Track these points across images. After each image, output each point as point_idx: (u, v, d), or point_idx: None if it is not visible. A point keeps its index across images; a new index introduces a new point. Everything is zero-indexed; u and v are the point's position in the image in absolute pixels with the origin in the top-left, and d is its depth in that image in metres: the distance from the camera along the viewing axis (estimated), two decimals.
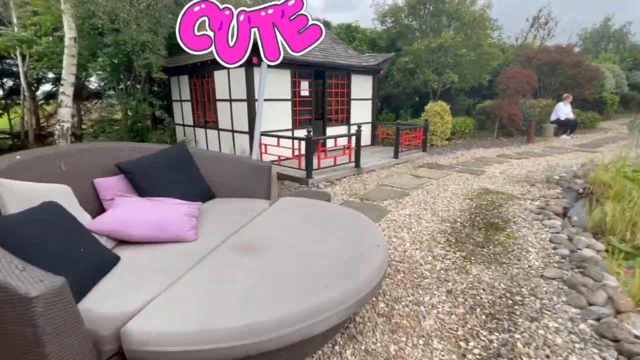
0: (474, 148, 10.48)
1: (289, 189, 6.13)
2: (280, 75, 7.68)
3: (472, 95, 16.47)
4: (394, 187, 6.11)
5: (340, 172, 6.84)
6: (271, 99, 7.61)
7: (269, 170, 3.82)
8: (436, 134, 10.35)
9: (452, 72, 11.18)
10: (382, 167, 7.87)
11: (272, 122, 7.72)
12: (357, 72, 9.47)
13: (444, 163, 8.29)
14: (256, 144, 6.86)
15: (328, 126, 9.17)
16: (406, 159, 8.56)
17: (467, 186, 6.15)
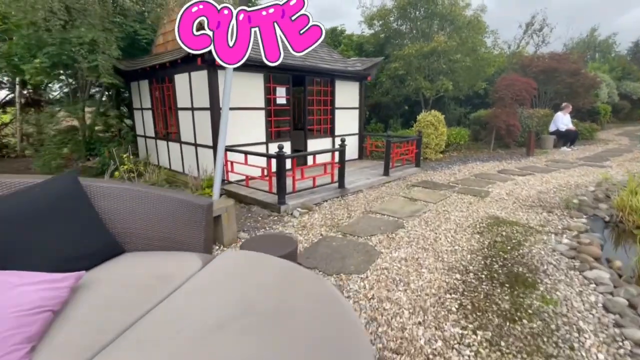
0: (471, 162, 9.53)
1: (256, 218, 4.97)
2: (251, 80, 6.58)
3: (463, 104, 15.69)
4: (385, 215, 5.02)
5: (320, 195, 5.73)
6: (240, 107, 6.49)
7: (208, 211, 2.67)
8: (430, 147, 9.37)
9: (446, 79, 10.28)
10: (371, 186, 6.79)
11: (242, 135, 6.59)
12: (342, 77, 8.45)
13: (441, 181, 7.26)
14: (219, 161, 5.72)
15: (310, 138, 8.09)
16: (398, 176, 7.52)
17: (472, 213, 5.10)
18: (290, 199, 5.34)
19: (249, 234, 4.34)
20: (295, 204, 5.26)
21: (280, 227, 4.62)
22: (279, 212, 5.08)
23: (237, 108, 6.42)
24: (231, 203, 3.92)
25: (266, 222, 4.81)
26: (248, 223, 4.75)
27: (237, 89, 6.36)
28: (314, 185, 5.70)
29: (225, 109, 5.70)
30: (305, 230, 4.47)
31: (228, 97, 5.68)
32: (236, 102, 6.39)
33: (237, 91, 6.37)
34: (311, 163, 5.88)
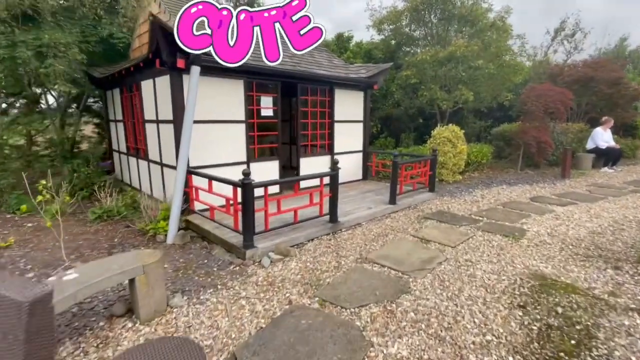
0: (496, 185, 8.08)
1: (211, 267, 3.72)
2: (228, 87, 5.45)
3: (483, 117, 14.22)
4: (385, 268, 3.69)
5: (305, 233, 4.46)
6: (213, 120, 5.35)
7: (32, 312, 1.45)
8: (446, 167, 7.99)
9: (466, 89, 8.93)
10: (372, 218, 5.47)
11: (215, 154, 5.43)
12: (344, 86, 7.25)
13: (461, 212, 5.87)
14: (178, 186, 4.55)
15: (303, 156, 6.87)
16: (407, 204, 6.18)
17: (506, 266, 3.72)
18: (261, 239, 4.09)
19: (188, 298, 3.09)
20: (267, 247, 4.00)
21: (238, 284, 3.36)
22: (244, 259, 3.83)
23: (208, 121, 5.28)
24: (155, 259, 2.70)
25: (222, 275, 3.55)
26: (196, 277, 3.51)
27: (210, 98, 5.23)
28: (295, 220, 4.43)
29: (187, 121, 4.57)
30: (270, 293, 3.19)
31: (192, 105, 4.56)
32: (208, 114, 5.25)
33: (210, 100, 5.24)
34: (303, 188, 4.63)
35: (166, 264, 3.80)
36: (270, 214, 4.14)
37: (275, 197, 4.52)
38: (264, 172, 6.12)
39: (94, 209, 5.41)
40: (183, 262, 3.87)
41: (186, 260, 3.92)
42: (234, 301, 3.04)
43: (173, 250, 4.24)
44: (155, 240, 4.54)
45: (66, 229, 5.07)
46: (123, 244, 4.43)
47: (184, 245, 4.39)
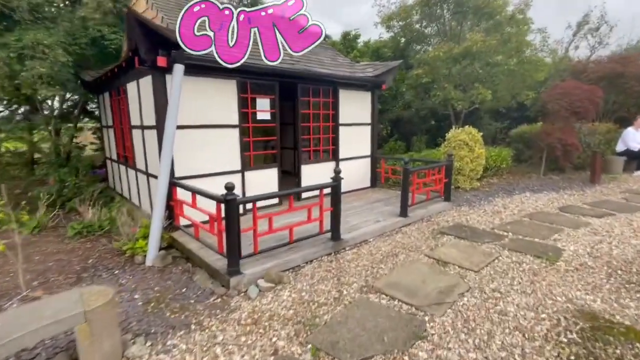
0: (518, 192, 7.34)
1: (187, 300, 3.16)
2: (218, 88, 4.91)
3: (499, 118, 13.40)
4: (396, 301, 3.07)
5: (301, 254, 3.86)
6: (202, 125, 4.82)
7: None
8: (463, 173, 7.29)
9: (483, 87, 8.22)
10: (381, 234, 4.84)
11: (205, 162, 4.89)
12: (349, 86, 6.66)
13: (482, 225, 5.19)
14: (159, 200, 4.02)
15: (305, 164, 6.28)
16: (420, 216, 5.53)
17: (543, 298, 3.05)
18: (250, 263, 3.51)
19: (152, 344, 2.52)
20: (256, 273, 3.41)
21: (217, 323, 2.78)
22: (228, 288, 3.26)
23: (197, 126, 4.75)
24: (104, 300, 2.15)
25: (199, 310, 2.98)
26: (168, 312, 2.94)
27: (199, 100, 4.71)
28: (291, 240, 3.83)
29: (169, 126, 4.05)
30: (254, 336, 2.60)
31: (174, 108, 4.04)
32: (196, 118, 4.73)
33: (198, 103, 4.72)
34: (299, 204, 4.04)
35: (137, 294, 3.25)
36: (260, 233, 3.56)
37: (269, 212, 3.93)
38: (261, 181, 5.56)
39: (73, 223, 4.94)
40: (158, 291, 3.32)
41: (162, 289, 3.37)
42: (206, 349, 2.46)
43: (151, 274, 3.70)
44: (133, 262, 4.01)
45: (40, 247, 4.61)
46: (96, 267, 3.91)
47: (164, 268, 3.84)
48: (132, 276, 3.66)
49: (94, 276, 3.69)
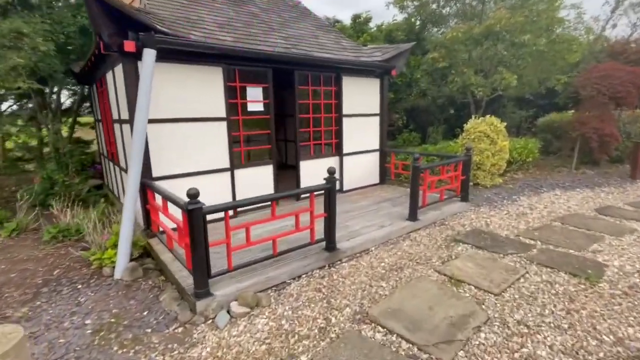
0: (547, 190, 6.52)
1: (146, 326, 2.67)
2: (201, 75, 4.36)
3: (523, 106, 12.31)
4: (394, 336, 2.47)
5: (288, 269, 3.31)
6: (183, 118, 4.29)
7: None
8: (483, 168, 6.52)
9: (507, 72, 7.33)
10: (386, 241, 4.23)
11: (188, 160, 4.38)
12: (354, 72, 5.98)
13: (504, 231, 4.49)
14: (129, 203, 3.55)
15: (304, 159, 5.69)
16: (432, 220, 4.86)
17: (585, 338, 2.38)
18: (224, 282, 2.99)
19: None
20: (230, 294, 2.89)
21: None
22: (195, 312, 2.75)
23: (177, 119, 4.23)
24: (2, 349, 1.66)
25: (154, 343, 2.48)
26: (116, 346, 2.46)
27: (179, 90, 4.18)
28: (274, 253, 3.27)
29: (139, 119, 3.55)
30: None
31: (144, 99, 3.54)
32: (176, 110, 4.21)
33: (179, 93, 4.19)
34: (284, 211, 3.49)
35: (91, 318, 2.79)
36: (236, 247, 3.02)
37: (247, 221, 3.40)
38: (254, 180, 5.03)
39: (49, 227, 4.56)
40: (115, 314, 2.85)
41: (121, 311, 2.90)
42: None
43: (115, 290, 3.24)
44: (101, 274, 3.57)
45: (12, 253, 4.25)
46: (60, 281, 3.49)
47: (133, 283, 3.38)
48: (94, 293, 3.21)
49: (54, 292, 3.27)
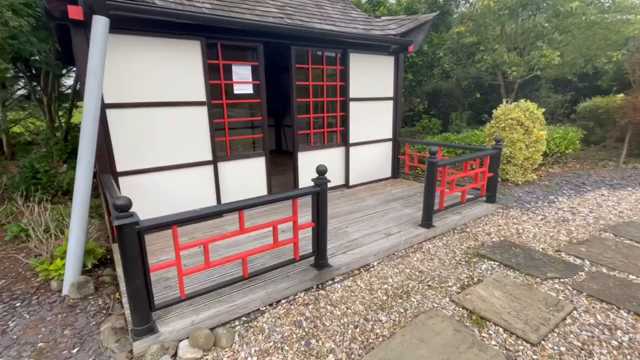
0: (590, 188, 5.53)
1: None
2: (176, 51, 3.66)
3: (559, 89, 10.95)
4: None
5: (263, 293, 2.63)
6: (154, 102, 3.63)
7: None
8: (515, 162, 5.58)
9: (548, 48, 6.22)
10: (392, 253, 3.48)
11: (162, 151, 3.75)
12: (364, 48, 5.12)
13: (541, 243, 3.63)
14: (79, 203, 2.98)
15: (303, 150, 4.96)
16: (451, 226, 4.06)
17: None
18: (177, 312, 2.36)
19: None
20: (181, 331, 2.25)
21: None
22: (133, 354, 2.13)
23: (147, 104, 3.58)
24: None
25: None
26: None
27: (147, 68, 3.51)
28: (245, 274, 2.60)
29: (89, 102, 2.93)
30: None
31: (94, 76, 2.91)
32: (145, 93, 3.55)
33: (147, 72, 3.52)
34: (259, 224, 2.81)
35: (3, 357, 2.23)
36: (190, 271, 2.36)
37: (207, 237, 2.73)
38: (242, 175, 4.37)
39: (12, 225, 4.08)
40: (39, 349, 2.28)
41: (49, 344, 2.33)
42: None
43: (55, 313, 2.68)
44: (48, 289, 3.03)
45: None
46: (0, 294, 2.97)
47: (79, 303, 2.81)
48: (30, 315, 2.67)
49: None
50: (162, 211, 3.80)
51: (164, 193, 3.81)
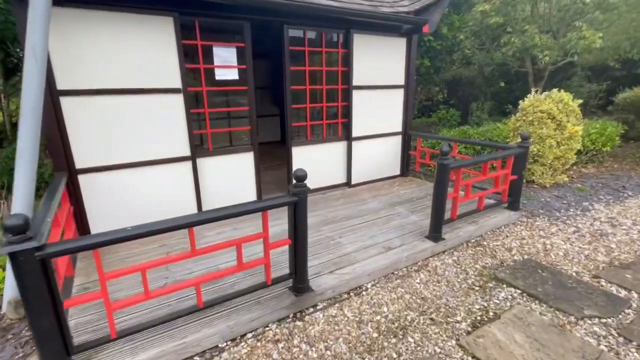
0: (632, 194, 4.77)
1: None
2: (143, 29, 3.14)
3: (592, 78, 9.87)
4: None
5: (222, 326, 2.14)
6: (119, 89, 3.14)
7: None
8: (542, 161, 4.86)
9: (588, 29, 5.37)
10: (389, 275, 2.93)
11: (129, 145, 3.28)
12: (370, 28, 4.47)
13: (574, 265, 2.99)
14: (18, 205, 2.56)
15: (298, 145, 4.40)
16: (464, 239, 3.46)
17: None
18: (109, 353, 1.90)
19: None
20: None
21: None
22: None
23: (108, 91, 3.09)
24: None
25: None
26: None
27: (109, 49, 3.02)
28: (199, 305, 2.10)
29: (30, 86, 2.44)
30: None
31: (32, 56, 2.41)
32: (107, 78, 3.07)
33: (110, 54, 3.04)
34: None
35: None
36: (121, 304, 1.88)
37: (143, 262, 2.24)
38: (227, 172, 3.88)
39: None
40: None
41: None
42: None
43: None
44: None
45: None
46: None
47: (15, 324, 2.41)
48: None
49: None
50: (133, 214, 3.39)
51: (135, 193, 3.36)
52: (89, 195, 3.17)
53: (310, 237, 3.21)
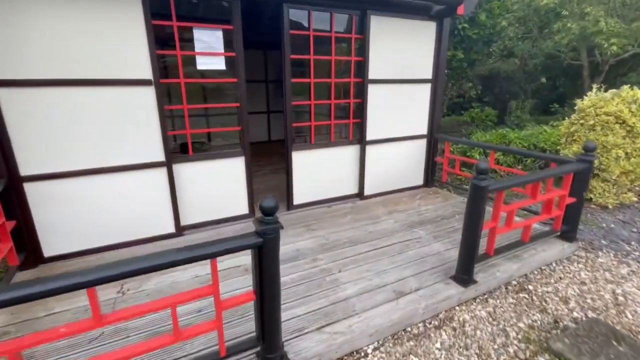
0: None
1: None
2: (102, 6, 2.53)
3: None
4: None
5: None
6: (73, 79, 2.56)
7: None
8: (605, 177, 3.89)
9: None
10: (399, 334, 2.19)
11: (87, 147, 2.71)
12: (391, 9, 3.67)
13: None
14: None
15: (300, 149, 3.70)
16: (502, 281, 2.65)
17: None
18: None
19: None
20: None
21: None
22: None
23: (60, 82, 2.53)
24: None
25: None
26: None
27: (62, 31, 2.44)
28: None
29: None
30: None
31: None
32: (59, 66, 2.50)
33: (63, 38, 2.47)
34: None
35: None
36: None
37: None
38: (213, 181, 3.26)
39: None
40: None
41: None
42: None
43: None
44: None
45: None
46: None
47: None
48: None
49: None
50: (97, 230, 2.83)
51: (97, 206, 2.80)
52: (39, 207, 2.64)
53: (301, 269, 2.55)
